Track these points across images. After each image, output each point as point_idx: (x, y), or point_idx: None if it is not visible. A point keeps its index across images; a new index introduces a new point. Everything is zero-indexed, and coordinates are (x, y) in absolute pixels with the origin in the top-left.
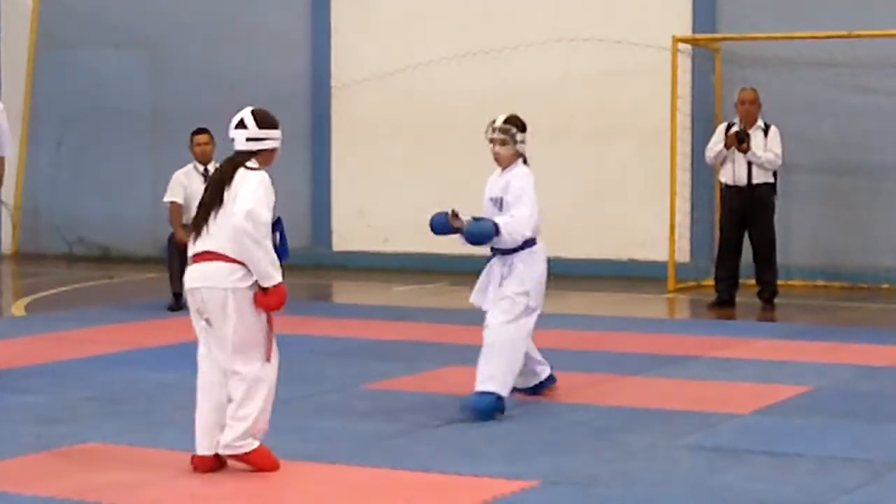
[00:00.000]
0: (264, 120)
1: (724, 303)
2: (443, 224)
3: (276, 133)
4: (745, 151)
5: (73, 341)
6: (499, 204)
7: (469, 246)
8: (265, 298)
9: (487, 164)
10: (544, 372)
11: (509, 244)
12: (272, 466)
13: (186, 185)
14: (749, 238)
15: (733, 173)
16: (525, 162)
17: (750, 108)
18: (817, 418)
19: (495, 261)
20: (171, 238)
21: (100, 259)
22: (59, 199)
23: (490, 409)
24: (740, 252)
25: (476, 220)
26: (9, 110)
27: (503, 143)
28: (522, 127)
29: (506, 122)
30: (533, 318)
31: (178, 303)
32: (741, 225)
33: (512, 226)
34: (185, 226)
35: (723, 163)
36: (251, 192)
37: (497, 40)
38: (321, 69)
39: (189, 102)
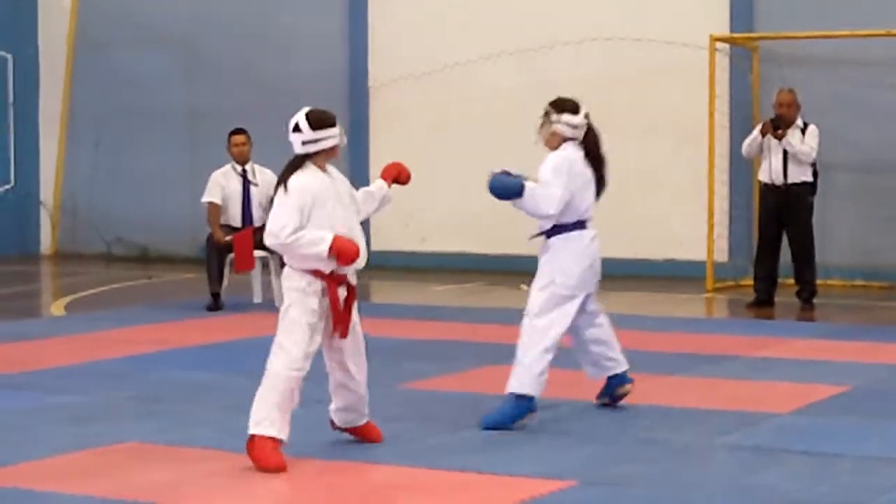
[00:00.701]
0: (318, 121)
1: (762, 302)
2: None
3: (332, 132)
4: (780, 138)
5: (112, 341)
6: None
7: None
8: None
9: (524, 162)
10: (616, 367)
11: (529, 210)
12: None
13: (224, 185)
14: (787, 237)
15: (770, 171)
16: (580, 143)
17: (788, 111)
18: (855, 418)
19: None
20: (210, 238)
21: (138, 259)
22: (98, 198)
23: (499, 419)
24: (779, 251)
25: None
26: (48, 110)
27: (541, 124)
28: (561, 107)
29: (550, 103)
30: (568, 306)
31: (216, 303)
32: (779, 224)
33: (537, 193)
34: (223, 226)
35: (760, 161)
36: None
37: (534, 39)
38: (358, 68)
39: (225, 102)
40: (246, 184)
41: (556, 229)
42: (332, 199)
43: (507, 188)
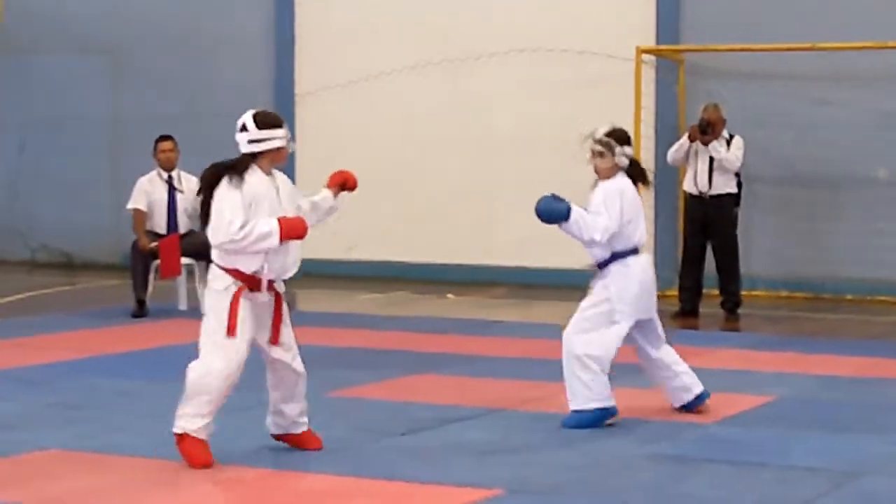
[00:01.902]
0: (265, 121)
1: (687, 313)
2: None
3: (278, 132)
4: (706, 143)
5: (34, 348)
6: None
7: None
8: None
9: (450, 172)
10: (695, 388)
11: (575, 234)
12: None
13: (150, 191)
14: (712, 248)
15: (695, 182)
16: (630, 175)
17: (713, 128)
18: (779, 428)
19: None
20: (135, 245)
21: (62, 265)
22: (22, 205)
23: (577, 425)
24: (703, 262)
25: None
26: None
27: (601, 154)
28: (622, 140)
29: (607, 134)
30: (617, 329)
31: (141, 309)
32: (703, 235)
33: (584, 219)
34: (148, 233)
35: (685, 171)
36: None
37: (461, 49)
38: (285, 77)
39: (151, 109)
40: (172, 191)
41: (613, 257)
42: (271, 202)
43: (554, 212)
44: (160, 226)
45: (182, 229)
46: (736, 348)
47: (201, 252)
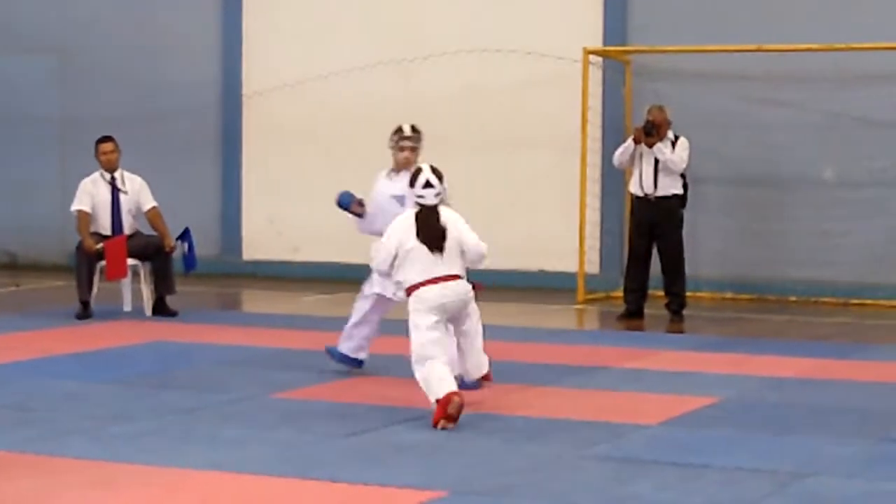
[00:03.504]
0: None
1: (632, 314)
2: (347, 203)
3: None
4: (651, 145)
5: None
6: (402, 201)
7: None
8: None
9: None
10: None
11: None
12: None
13: (94, 193)
14: (657, 249)
15: (641, 183)
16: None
17: (658, 127)
18: (724, 429)
19: None
20: (80, 246)
21: (7, 266)
22: None
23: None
24: (649, 263)
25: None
26: None
27: (414, 149)
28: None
29: (415, 129)
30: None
31: (86, 311)
32: (650, 236)
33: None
34: (93, 234)
35: (631, 173)
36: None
37: (408, 49)
38: (232, 77)
39: (99, 109)
40: (115, 191)
41: None
42: None
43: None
44: (104, 227)
45: (127, 230)
46: (681, 350)
47: (146, 253)
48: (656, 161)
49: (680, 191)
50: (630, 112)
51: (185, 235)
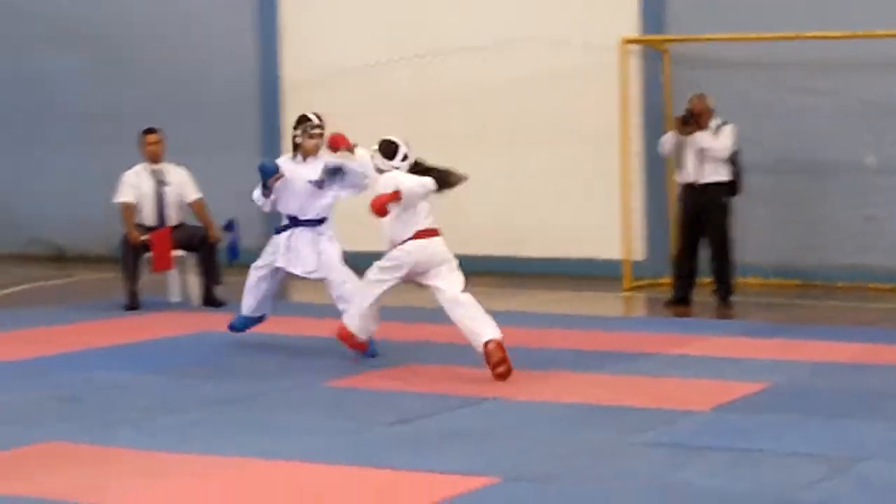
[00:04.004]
0: None
1: (680, 300)
2: (272, 172)
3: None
4: (689, 133)
5: (28, 341)
6: (320, 185)
7: None
8: None
9: (438, 162)
10: None
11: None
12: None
13: (137, 185)
14: (705, 236)
15: (686, 171)
16: None
17: (699, 116)
18: (775, 415)
19: None
20: (125, 238)
21: (55, 258)
22: (13, 198)
23: None
24: (697, 250)
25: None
26: None
27: (322, 136)
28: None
29: (319, 118)
30: None
31: (133, 302)
32: (696, 223)
33: None
34: (137, 226)
35: (678, 160)
36: None
37: (446, 41)
38: (270, 69)
39: (139, 102)
40: (159, 183)
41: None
42: None
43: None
44: (149, 218)
45: (171, 222)
46: (729, 336)
47: (192, 244)
48: (700, 149)
49: (726, 178)
50: (669, 100)
51: (229, 226)
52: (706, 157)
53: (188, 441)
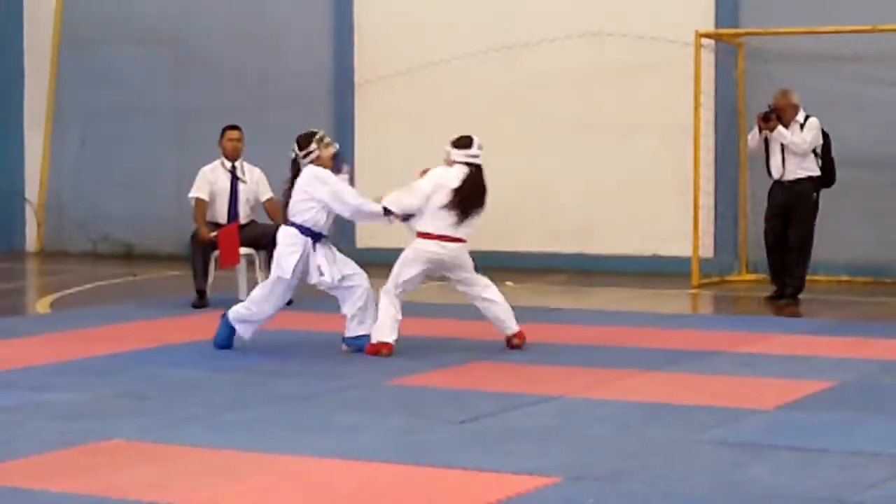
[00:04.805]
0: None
1: (780, 297)
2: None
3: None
4: (771, 129)
5: (98, 339)
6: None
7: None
8: None
9: (509, 159)
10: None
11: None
12: None
13: (212, 181)
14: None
15: (773, 167)
16: None
17: (783, 112)
18: (842, 413)
19: None
20: (195, 235)
21: (124, 256)
22: (84, 196)
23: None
24: (786, 245)
25: None
26: (33, 107)
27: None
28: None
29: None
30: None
31: (202, 300)
32: (783, 219)
33: None
34: (208, 223)
35: (766, 158)
36: None
37: (520, 35)
38: (344, 65)
39: (212, 99)
40: (234, 180)
41: None
42: None
43: None
44: (221, 215)
45: (243, 219)
46: (797, 333)
47: (262, 242)
48: (783, 145)
49: (813, 173)
50: (742, 95)
51: None
52: (788, 152)
53: (255, 439)
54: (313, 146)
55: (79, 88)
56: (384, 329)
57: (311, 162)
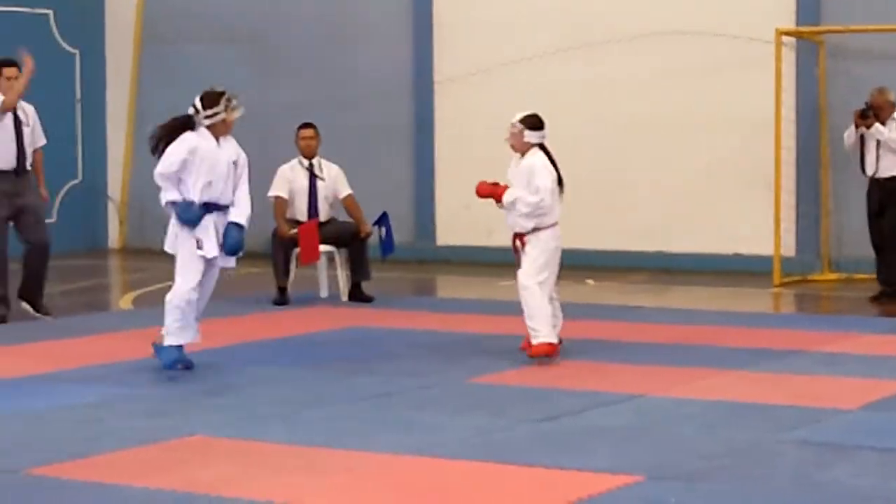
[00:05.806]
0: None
1: (887, 296)
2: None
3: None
4: (868, 127)
5: None
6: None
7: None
8: None
9: (587, 157)
10: None
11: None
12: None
13: (291, 179)
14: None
15: (867, 164)
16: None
17: (880, 111)
18: None
19: None
20: (275, 232)
21: None
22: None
23: None
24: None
25: None
26: (115, 106)
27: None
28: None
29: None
30: None
31: (283, 297)
32: (880, 216)
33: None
34: (288, 220)
35: (862, 155)
36: None
37: (598, 34)
38: (423, 64)
39: (291, 97)
40: (312, 178)
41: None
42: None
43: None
44: (301, 213)
45: (322, 217)
46: (880, 333)
47: (342, 239)
48: (878, 143)
49: None
50: (824, 93)
51: (382, 220)
52: (883, 149)
53: (335, 436)
54: (220, 107)
55: (160, 86)
56: (546, 328)
57: (213, 125)
